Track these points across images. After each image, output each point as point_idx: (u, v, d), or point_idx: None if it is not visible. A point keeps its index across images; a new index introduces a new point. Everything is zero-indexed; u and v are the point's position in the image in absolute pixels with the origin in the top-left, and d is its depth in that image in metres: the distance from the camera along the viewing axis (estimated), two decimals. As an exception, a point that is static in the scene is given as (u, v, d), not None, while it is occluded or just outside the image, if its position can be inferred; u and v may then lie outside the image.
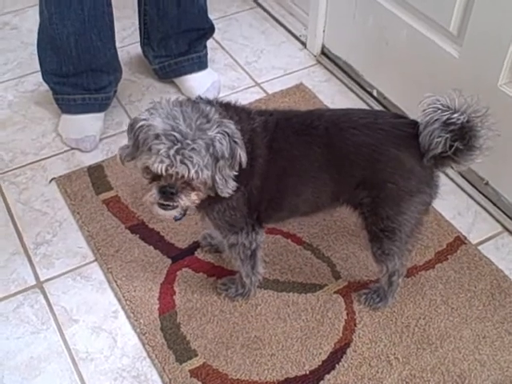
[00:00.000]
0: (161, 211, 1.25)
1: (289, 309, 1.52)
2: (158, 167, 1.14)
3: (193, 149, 1.13)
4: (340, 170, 1.31)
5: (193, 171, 1.14)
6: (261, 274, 1.50)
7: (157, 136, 1.14)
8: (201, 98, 1.29)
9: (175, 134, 1.13)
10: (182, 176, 1.15)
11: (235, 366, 1.42)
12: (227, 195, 1.24)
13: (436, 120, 1.21)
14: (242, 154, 1.20)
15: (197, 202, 1.24)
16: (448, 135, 1.21)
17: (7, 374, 1.41)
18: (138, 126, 1.18)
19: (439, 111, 1.21)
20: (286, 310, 1.52)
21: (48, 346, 1.46)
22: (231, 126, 1.19)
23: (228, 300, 1.53)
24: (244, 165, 1.23)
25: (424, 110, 1.23)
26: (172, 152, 1.13)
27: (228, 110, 1.29)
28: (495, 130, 1.24)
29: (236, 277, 1.52)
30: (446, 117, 1.20)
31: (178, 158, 1.13)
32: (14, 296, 1.55)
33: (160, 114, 1.17)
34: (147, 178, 1.22)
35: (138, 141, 1.19)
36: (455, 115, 1.20)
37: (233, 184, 1.23)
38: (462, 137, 1.22)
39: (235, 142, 1.19)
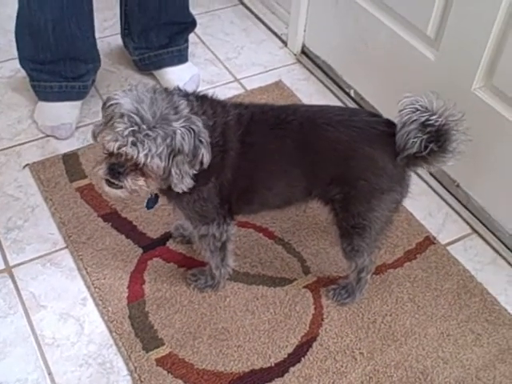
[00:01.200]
0: (106, 187, 1.26)
1: (257, 301, 1.53)
2: (111, 145, 1.16)
3: (147, 135, 1.14)
4: (313, 166, 1.32)
5: (141, 155, 1.14)
6: (230, 266, 1.51)
7: (121, 115, 1.15)
8: (179, 89, 1.29)
9: (136, 117, 1.14)
10: (132, 158, 1.16)
11: (201, 356, 1.42)
12: (180, 191, 1.24)
13: (414, 121, 1.22)
14: (204, 154, 1.21)
15: (144, 188, 1.24)
16: (425, 136, 1.22)
17: (-29, 356, 1.41)
18: (109, 103, 1.20)
19: (418, 112, 1.22)
20: (255, 303, 1.53)
21: (14, 331, 1.46)
22: (199, 124, 1.20)
23: (197, 291, 1.54)
24: (206, 165, 1.23)
25: (402, 110, 1.24)
26: (126, 132, 1.14)
27: (204, 102, 1.30)
28: (469, 135, 1.26)
29: (206, 268, 1.53)
30: (425, 118, 1.21)
31: (131, 139, 1.14)
32: (-18, 280, 1.55)
33: (131, 96, 1.18)
34: (104, 154, 1.23)
35: (107, 118, 1.20)
36: (433, 117, 1.21)
37: (189, 181, 1.23)
38: (437, 139, 1.23)
39: (200, 140, 1.19)
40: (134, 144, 1.14)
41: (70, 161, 1.83)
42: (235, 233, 1.46)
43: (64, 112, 1.93)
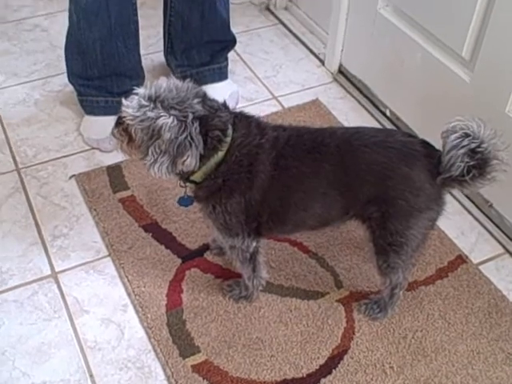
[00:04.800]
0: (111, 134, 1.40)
1: (291, 313, 1.58)
2: (123, 101, 1.28)
3: (140, 101, 1.25)
4: (351, 187, 1.36)
5: (125, 111, 1.26)
6: (263, 278, 1.56)
7: (147, 87, 1.28)
8: (224, 104, 1.35)
9: (152, 90, 1.26)
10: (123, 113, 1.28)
11: (236, 364, 1.47)
12: (150, 173, 1.30)
13: (464, 146, 1.24)
14: (189, 158, 1.26)
15: (124, 146, 1.35)
16: (472, 162, 1.26)
17: (19, 357, 1.48)
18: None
19: (469, 137, 1.25)
20: (288, 315, 1.58)
21: (59, 334, 1.53)
22: (196, 127, 1.25)
23: (232, 301, 1.59)
24: (186, 170, 1.30)
25: (452, 133, 1.26)
26: (137, 95, 1.27)
27: (240, 120, 1.35)
28: (510, 166, 1.29)
29: (241, 280, 1.58)
30: (475, 145, 1.24)
31: (132, 101, 1.26)
32: (30, 284, 1.62)
33: (167, 80, 1.29)
34: None
35: None
36: (484, 145, 1.24)
37: (163, 172, 1.28)
38: (480, 166, 1.27)
39: (190, 143, 1.25)
40: (127, 106, 1.26)
41: (114, 173, 1.91)
42: (270, 246, 1.51)
43: (109, 126, 1.96)
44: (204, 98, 1.31)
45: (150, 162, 1.27)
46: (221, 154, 1.31)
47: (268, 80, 2.33)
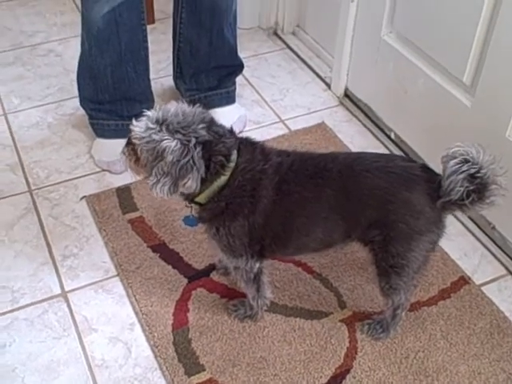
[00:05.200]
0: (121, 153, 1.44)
1: (295, 333, 1.60)
2: (133, 121, 1.33)
3: (147, 124, 1.30)
4: (353, 212, 1.39)
5: (133, 131, 1.31)
6: (268, 298, 1.59)
7: (156, 108, 1.33)
8: (230, 130, 1.40)
9: (161, 113, 1.30)
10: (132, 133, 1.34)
11: (240, 382, 1.50)
12: (153, 192, 1.33)
13: (464, 171, 1.28)
14: (190, 181, 1.30)
15: (132, 165, 1.40)
16: (472, 187, 1.29)
17: (28, 374, 1.51)
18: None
19: (469, 163, 1.28)
20: (292, 334, 1.60)
21: (67, 352, 1.56)
22: (198, 151, 1.29)
23: (237, 321, 1.62)
24: (186, 192, 1.34)
25: (452, 159, 1.29)
26: (146, 118, 1.31)
27: (245, 146, 1.39)
28: (508, 190, 1.32)
29: (246, 299, 1.61)
30: (475, 171, 1.27)
31: (141, 122, 1.31)
32: (40, 303, 1.67)
33: (177, 105, 1.34)
34: None
35: None
36: (483, 171, 1.28)
37: (165, 193, 1.31)
38: (479, 190, 1.30)
39: (192, 166, 1.29)
40: (135, 125, 1.31)
41: (123, 194, 1.96)
42: (274, 266, 1.54)
43: (119, 148, 2.04)
44: (210, 124, 1.35)
45: (152, 181, 1.32)
46: (224, 178, 1.35)
47: (275, 103, 2.38)
